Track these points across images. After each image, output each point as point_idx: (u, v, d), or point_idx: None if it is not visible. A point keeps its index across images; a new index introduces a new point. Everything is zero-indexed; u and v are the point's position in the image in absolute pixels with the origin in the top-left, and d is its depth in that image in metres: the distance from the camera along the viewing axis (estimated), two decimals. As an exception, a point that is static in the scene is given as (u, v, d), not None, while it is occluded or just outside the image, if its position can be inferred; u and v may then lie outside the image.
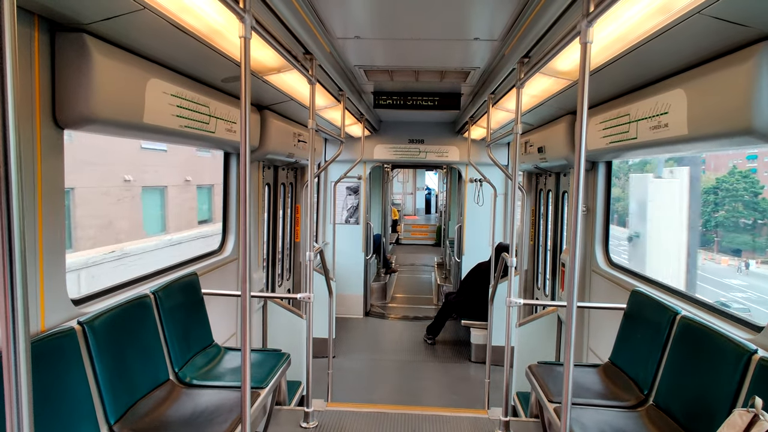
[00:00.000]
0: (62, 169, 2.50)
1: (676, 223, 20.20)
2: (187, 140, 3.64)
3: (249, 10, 2.02)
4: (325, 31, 3.56)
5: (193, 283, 3.79)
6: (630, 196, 24.90)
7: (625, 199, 26.25)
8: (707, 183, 23.83)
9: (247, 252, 2.12)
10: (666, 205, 20.90)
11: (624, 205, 27.08)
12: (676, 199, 20.25)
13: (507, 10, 3.02)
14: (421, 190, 27.86)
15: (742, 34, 2.28)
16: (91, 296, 2.96)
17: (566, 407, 2.08)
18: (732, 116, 2.41)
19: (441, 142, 8.77)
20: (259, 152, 4.96)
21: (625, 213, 26.67)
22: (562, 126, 4.83)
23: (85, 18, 2.26)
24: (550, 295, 6.82)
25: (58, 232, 2.48)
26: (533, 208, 7.54)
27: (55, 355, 2.30)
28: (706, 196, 23.38)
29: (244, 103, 2.05)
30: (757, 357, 2.30)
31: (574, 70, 3.42)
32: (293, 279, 7.68)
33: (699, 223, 21.96)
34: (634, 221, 24.14)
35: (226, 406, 2.97)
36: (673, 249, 20.03)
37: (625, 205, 26.91)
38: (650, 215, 21.89)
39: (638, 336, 3.39)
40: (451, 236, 12.64)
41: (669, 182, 21.34)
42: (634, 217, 24.24)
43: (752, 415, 1.90)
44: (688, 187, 20.18)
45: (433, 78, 5.15)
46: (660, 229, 21.27)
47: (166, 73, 3.05)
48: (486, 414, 4.14)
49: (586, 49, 1.96)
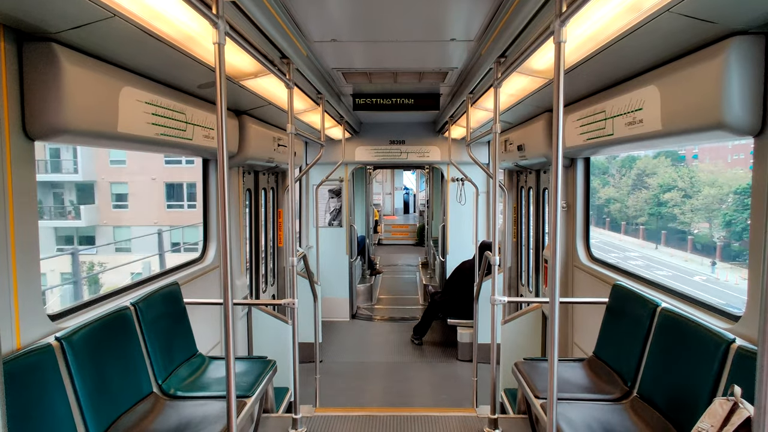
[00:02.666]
0: (34, 180, 2.43)
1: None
2: (164, 148, 3.58)
3: (222, 15, 2.00)
4: (302, 35, 3.54)
5: (174, 292, 3.73)
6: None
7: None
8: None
9: (228, 260, 2.10)
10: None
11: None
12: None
13: (482, 11, 3.04)
14: (399, 189, 27.94)
15: (710, 31, 2.33)
16: (68, 311, 2.89)
17: (552, 404, 2.09)
18: (703, 111, 2.47)
19: (422, 143, 8.79)
20: (239, 158, 4.91)
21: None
22: (540, 124, 4.88)
23: (53, 27, 2.20)
24: (534, 291, 6.89)
25: (32, 245, 2.41)
26: (515, 206, 7.61)
27: (32, 373, 2.24)
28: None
29: (220, 110, 2.02)
30: (735, 346, 2.34)
31: (549, 69, 3.46)
32: (277, 284, 7.62)
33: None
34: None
35: (212, 416, 2.93)
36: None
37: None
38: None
39: (621, 329, 3.44)
40: (435, 235, 12.69)
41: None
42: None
43: (732, 403, 1.94)
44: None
45: (412, 79, 5.17)
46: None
47: (140, 81, 3.00)
48: (474, 412, 4.15)
49: (560, 48, 1.98)
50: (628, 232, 29.22)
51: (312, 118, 5.91)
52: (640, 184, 27.96)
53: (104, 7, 2.04)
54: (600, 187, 29.86)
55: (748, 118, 2.31)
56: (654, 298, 3.18)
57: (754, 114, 2.31)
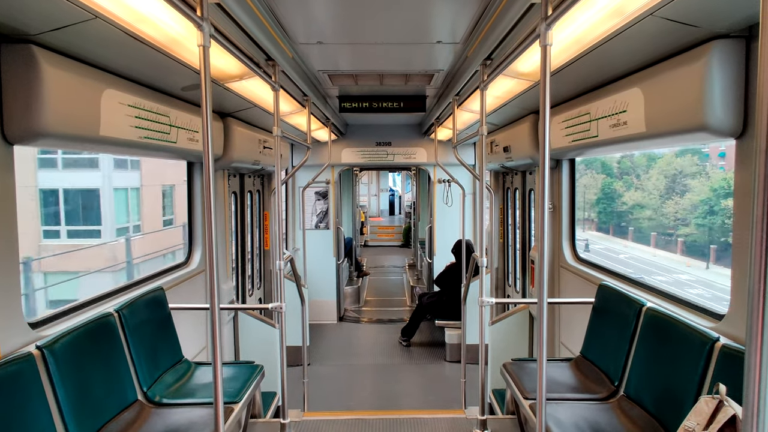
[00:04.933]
0: (13, 186, 2.38)
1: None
2: (148, 151, 3.53)
3: (207, 18, 1.97)
4: (287, 37, 3.51)
5: (159, 298, 3.67)
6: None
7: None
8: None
9: (214, 264, 2.07)
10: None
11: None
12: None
13: (468, 14, 3.05)
14: (384, 191, 27.93)
15: (693, 35, 2.36)
16: (49, 318, 2.82)
17: (541, 404, 2.10)
18: (686, 113, 2.50)
19: (408, 144, 8.80)
20: (224, 161, 4.86)
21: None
22: (525, 126, 4.92)
23: (32, 29, 2.15)
24: (521, 292, 6.93)
25: (11, 251, 2.35)
26: (501, 207, 7.66)
27: (12, 383, 2.18)
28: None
29: (206, 113, 1.99)
30: (719, 344, 2.38)
31: (535, 72, 3.48)
32: (263, 287, 7.55)
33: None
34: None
35: (199, 423, 2.88)
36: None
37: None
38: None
39: (607, 329, 3.48)
40: (422, 237, 12.71)
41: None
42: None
43: (717, 401, 1.97)
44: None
45: (398, 81, 5.17)
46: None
47: (122, 83, 2.95)
48: (463, 414, 4.16)
49: (546, 51, 1.99)
50: (660, 244, 23.18)
51: (297, 120, 5.88)
52: (679, 187, 22.81)
53: (86, 9, 2.00)
54: (623, 190, 25.78)
55: (730, 120, 2.35)
56: (639, 298, 3.21)
57: (735, 116, 2.35)
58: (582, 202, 27.00)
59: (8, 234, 2.34)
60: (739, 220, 2.44)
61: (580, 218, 27.43)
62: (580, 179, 24.16)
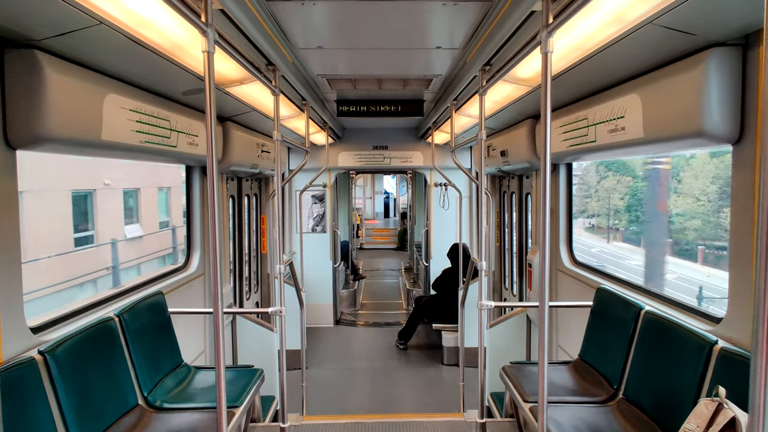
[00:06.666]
0: (15, 191, 2.37)
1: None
2: (149, 156, 3.53)
3: (211, 24, 1.99)
4: (288, 42, 3.53)
5: (159, 302, 3.67)
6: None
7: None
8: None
9: (217, 268, 2.08)
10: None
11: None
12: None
13: (467, 20, 3.08)
14: (379, 194, 27.92)
15: (691, 42, 2.40)
16: (51, 322, 2.82)
17: (542, 407, 2.12)
18: (684, 119, 2.54)
19: (405, 148, 8.83)
20: (223, 164, 4.86)
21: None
22: (523, 130, 4.95)
23: (36, 34, 2.16)
24: (517, 295, 6.96)
25: (13, 256, 2.35)
26: (498, 210, 7.69)
27: (14, 388, 2.17)
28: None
29: (210, 118, 2.00)
30: (717, 347, 2.41)
31: (533, 77, 3.51)
32: (261, 291, 7.54)
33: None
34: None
35: (200, 428, 2.88)
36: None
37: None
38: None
39: (605, 332, 3.51)
40: (418, 240, 12.73)
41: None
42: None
43: (717, 404, 1.99)
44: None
45: (396, 86, 5.19)
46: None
47: (124, 88, 2.96)
48: (462, 417, 4.18)
49: (547, 58, 2.01)
50: (708, 260, 18.56)
51: (295, 124, 5.89)
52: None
53: (91, 15, 2.01)
54: (665, 196, 19.67)
55: (727, 127, 2.39)
56: (637, 302, 3.24)
57: (732, 122, 2.39)
58: (605, 209, 25.76)
59: (11, 239, 2.34)
60: (736, 224, 2.48)
61: (603, 226, 26.40)
62: (602, 182, 23.77)
